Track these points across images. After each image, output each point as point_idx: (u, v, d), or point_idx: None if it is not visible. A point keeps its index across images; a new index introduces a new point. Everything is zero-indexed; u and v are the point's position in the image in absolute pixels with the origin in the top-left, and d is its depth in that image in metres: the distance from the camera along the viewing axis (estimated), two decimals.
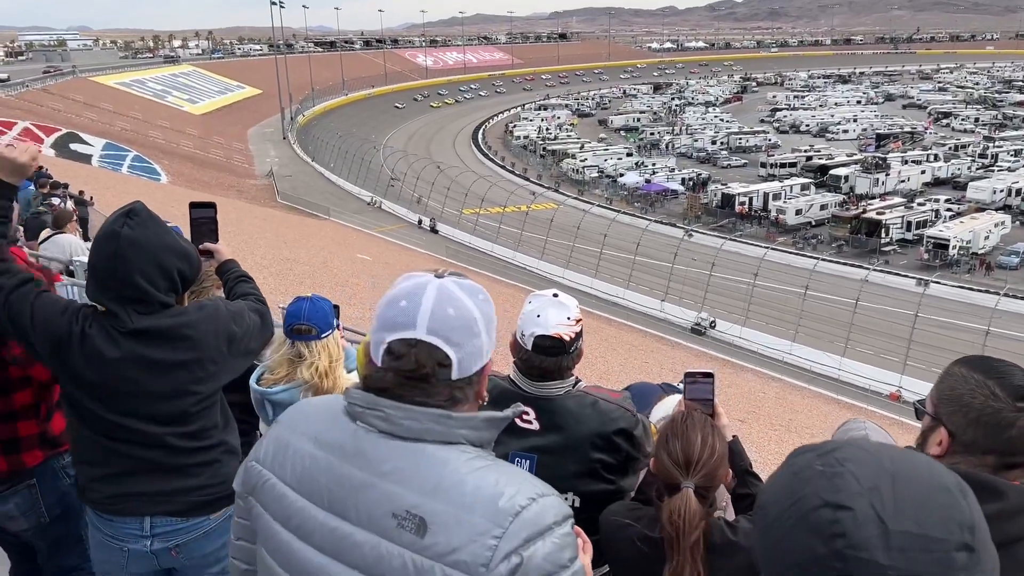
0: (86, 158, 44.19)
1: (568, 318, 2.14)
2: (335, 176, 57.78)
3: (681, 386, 2.27)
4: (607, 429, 2.16)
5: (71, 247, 7.03)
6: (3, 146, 2.34)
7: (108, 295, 2.16)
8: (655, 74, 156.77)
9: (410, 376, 1.32)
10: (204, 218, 2.72)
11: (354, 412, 1.36)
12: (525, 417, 2.16)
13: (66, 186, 12.97)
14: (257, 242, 23.79)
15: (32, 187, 10.42)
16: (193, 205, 2.73)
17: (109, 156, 46.83)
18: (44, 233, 7.42)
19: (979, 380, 1.50)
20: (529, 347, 2.13)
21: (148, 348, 2.16)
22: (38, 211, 9.30)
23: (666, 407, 2.48)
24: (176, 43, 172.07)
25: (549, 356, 2.13)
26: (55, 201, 10.05)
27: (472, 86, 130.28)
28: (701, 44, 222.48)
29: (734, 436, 2.18)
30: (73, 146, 46.31)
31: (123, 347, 2.14)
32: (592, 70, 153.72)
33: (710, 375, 2.22)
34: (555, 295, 2.19)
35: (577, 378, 2.30)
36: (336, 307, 3.12)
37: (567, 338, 2.12)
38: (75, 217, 8.54)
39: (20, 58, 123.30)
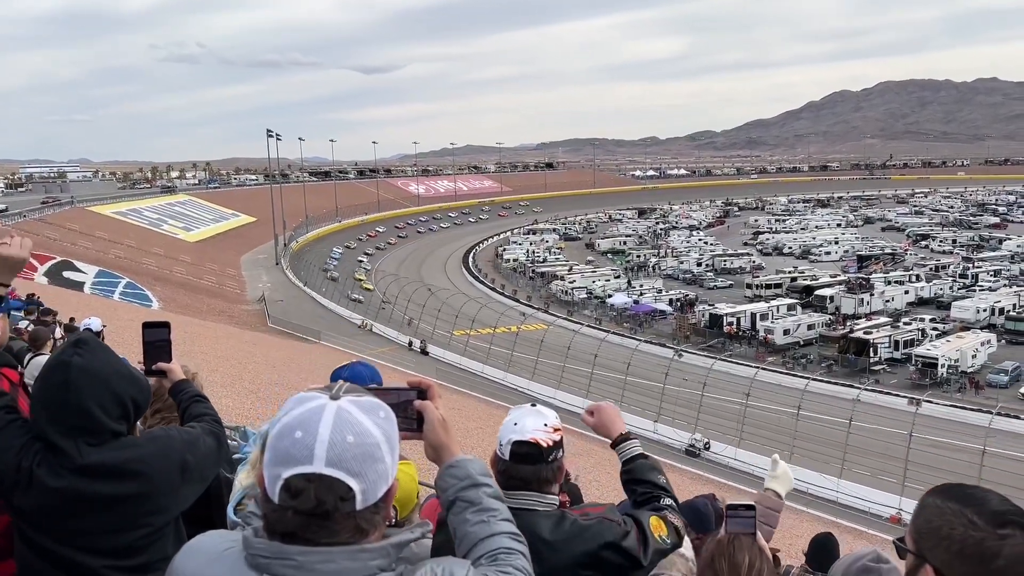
0: (79, 285, 44.46)
1: (545, 425, 2.11)
2: (326, 300, 58.20)
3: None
4: (591, 547, 2.06)
5: None
6: None
7: (58, 428, 2.08)
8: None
9: (311, 515, 1.24)
10: (158, 338, 2.68)
11: (259, 564, 1.27)
12: None
13: (55, 313, 12.99)
14: (245, 366, 23.67)
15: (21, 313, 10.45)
16: (147, 325, 2.67)
17: (101, 283, 47.17)
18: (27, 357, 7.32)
19: (955, 509, 1.43)
20: (507, 456, 2.09)
21: (95, 484, 2.08)
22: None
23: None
24: (174, 174, 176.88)
25: (527, 464, 2.08)
26: (21, 325, 9.96)
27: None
28: (683, 171, 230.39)
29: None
30: (66, 274, 46.67)
31: (68, 483, 2.07)
32: (578, 196, 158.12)
33: (752, 507, 2.22)
34: (533, 405, 2.19)
35: (562, 503, 2.23)
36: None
37: (545, 444, 2.09)
38: (53, 336, 8.43)
39: (20, 189, 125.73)
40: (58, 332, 10.42)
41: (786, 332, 47.22)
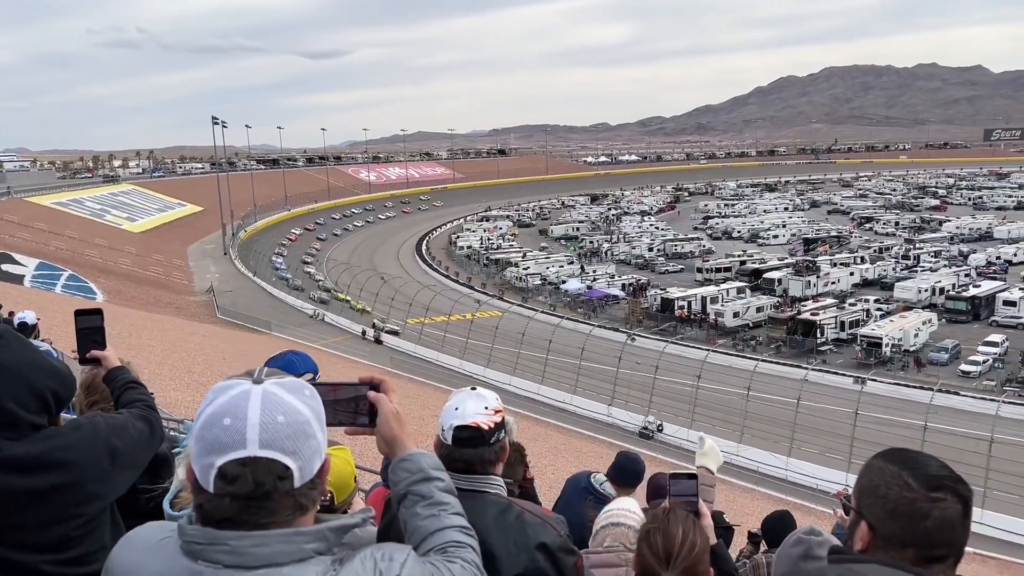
0: (18, 279, 43.05)
1: (486, 408, 2.12)
2: (276, 290, 57.38)
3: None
4: (527, 542, 2.06)
5: None
6: None
7: None
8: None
9: (250, 498, 1.25)
10: (90, 325, 2.63)
11: (193, 551, 1.27)
12: None
13: None
14: (195, 359, 23.24)
15: None
16: (79, 313, 2.63)
17: (42, 276, 45.73)
18: None
19: (894, 471, 1.50)
20: (449, 440, 2.10)
21: (18, 478, 2.00)
22: None
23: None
24: (116, 163, 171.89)
25: (469, 447, 2.09)
26: None
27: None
28: (634, 157, 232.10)
29: (719, 540, 2.20)
30: (5, 267, 45.17)
31: None
32: (531, 182, 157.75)
33: (694, 475, 2.29)
34: (473, 388, 2.19)
35: (510, 491, 2.25)
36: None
37: (486, 427, 2.10)
38: None
39: None
40: None
41: (736, 315, 48.07)
